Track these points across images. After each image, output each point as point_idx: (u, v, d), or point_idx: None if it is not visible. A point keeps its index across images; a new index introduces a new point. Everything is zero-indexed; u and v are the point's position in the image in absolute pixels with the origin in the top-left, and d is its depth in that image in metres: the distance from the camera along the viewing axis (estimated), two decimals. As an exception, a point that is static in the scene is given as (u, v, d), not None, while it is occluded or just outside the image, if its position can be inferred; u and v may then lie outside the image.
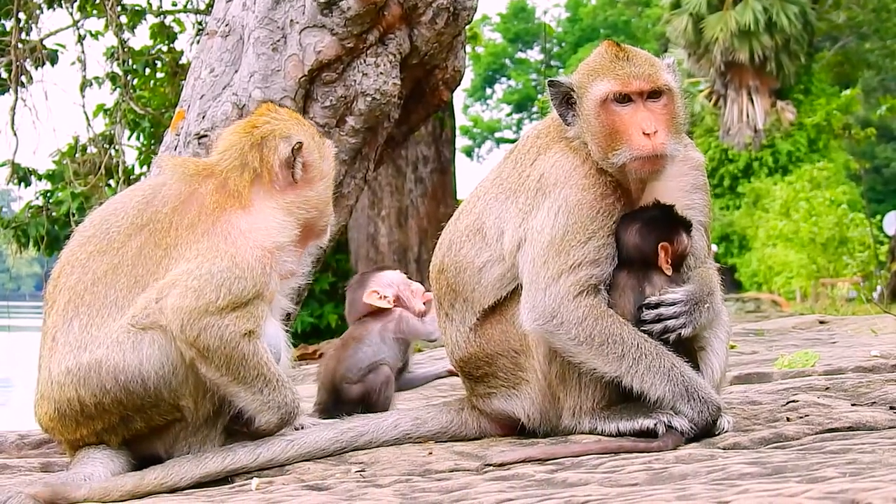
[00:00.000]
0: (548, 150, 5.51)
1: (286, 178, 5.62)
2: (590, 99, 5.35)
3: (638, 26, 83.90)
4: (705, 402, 5.04)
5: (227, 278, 5.16)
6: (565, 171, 5.38)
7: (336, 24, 8.40)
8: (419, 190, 22.41)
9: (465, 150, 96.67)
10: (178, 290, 5.12)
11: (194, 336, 5.09)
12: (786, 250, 50.78)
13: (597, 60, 5.45)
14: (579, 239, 5.22)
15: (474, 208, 5.70)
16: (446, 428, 5.72)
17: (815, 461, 4.19)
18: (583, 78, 5.43)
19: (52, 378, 5.24)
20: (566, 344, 5.19)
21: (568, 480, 4.32)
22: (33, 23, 20.62)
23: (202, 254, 5.23)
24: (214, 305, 5.11)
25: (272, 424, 5.39)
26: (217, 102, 8.49)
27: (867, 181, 61.59)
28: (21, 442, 6.49)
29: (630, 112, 5.28)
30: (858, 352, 8.63)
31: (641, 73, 5.30)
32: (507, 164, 5.68)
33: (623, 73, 5.31)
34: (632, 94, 5.29)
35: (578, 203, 5.28)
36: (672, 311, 5.18)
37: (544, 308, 5.21)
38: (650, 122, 5.23)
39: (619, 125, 5.27)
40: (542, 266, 5.25)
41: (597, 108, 5.31)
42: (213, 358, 5.14)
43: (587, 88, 5.37)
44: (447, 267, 5.69)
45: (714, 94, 63.24)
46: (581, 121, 5.40)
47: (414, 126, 10.05)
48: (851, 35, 68.60)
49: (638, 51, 5.48)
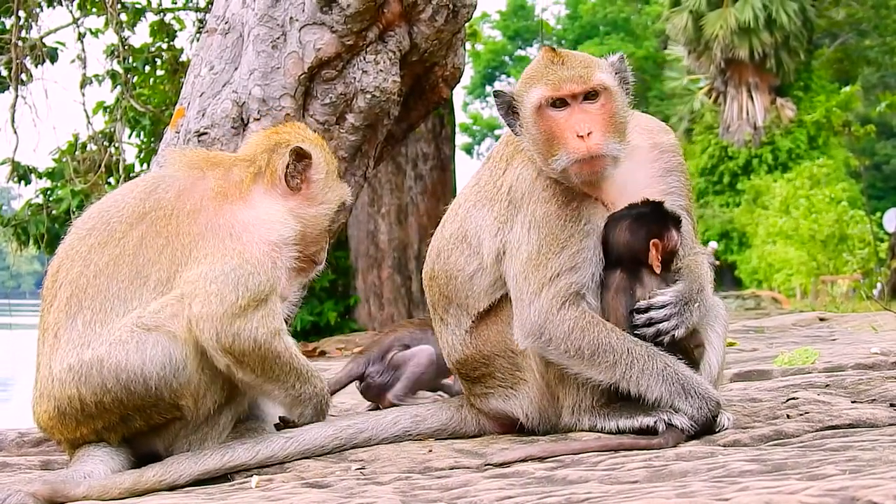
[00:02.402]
0: (512, 162, 5.53)
1: (286, 186, 5.74)
2: (527, 107, 5.33)
3: (637, 23, 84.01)
4: (703, 398, 5.04)
5: (240, 275, 5.20)
6: (528, 183, 5.39)
7: (336, 21, 8.39)
8: (419, 187, 22.43)
9: (465, 147, 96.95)
10: (200, 297, 5.14)
11: (229, 343, 5.13)
12: (786, 247, 50.78)
13: (533, 68, 5.43)
14: (553, 250, 5.22)
15: (457, 216, 5.72)
16: (446, 425, 5.71)
17: (816, 458, 4.18)
18: (521, 86, 5.41)
19: (52, 375, 5.22)
20: (558, 358, 5.21)
21: (568, 478, 4.32)
22: (33, 20, 20.64)
23: (211, 254, 5.26)
24: (237, 306, 5.15)
25: (307, 417, 5.52)
26: (217, 100, 8.48)
27: (867, 178, 61.63)
28: (21, 440, 6.49)
29: (565, 116, 5.24)
30: (858, 349, 8.63)
31: (573, 76, 5.26)
32: (485, 171, 5.69)
33: (555, 77, 5.27)
34: (565, 98, 5.25)
35: (545, 216, 5.28)
36: (662, 313, 5.16)
37: (531, 325, 5.22)
38: (584, 124, 5.18)
39: (554, 130, 5.24)
40: (523, 281, 5.26)
41: (534, 115, 5.29)
42: (249, 361, 5.20)
43: (525, 96, 5.36)
44: (437, 275, 5.69)
45: (714, 92, 63.34)
46: (524, 129, 5.39)
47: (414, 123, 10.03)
48: (851, 32, 68.69)
49: (575, 54, 5.44)
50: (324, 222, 5.89)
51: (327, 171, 5.92)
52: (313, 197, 5.82)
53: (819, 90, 63.41)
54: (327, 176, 5.91)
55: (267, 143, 5.87)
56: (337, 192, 5.98)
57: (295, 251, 5.59)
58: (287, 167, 5.74)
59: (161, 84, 21.37)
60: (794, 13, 60.22)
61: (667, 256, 5.35)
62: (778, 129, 61.56)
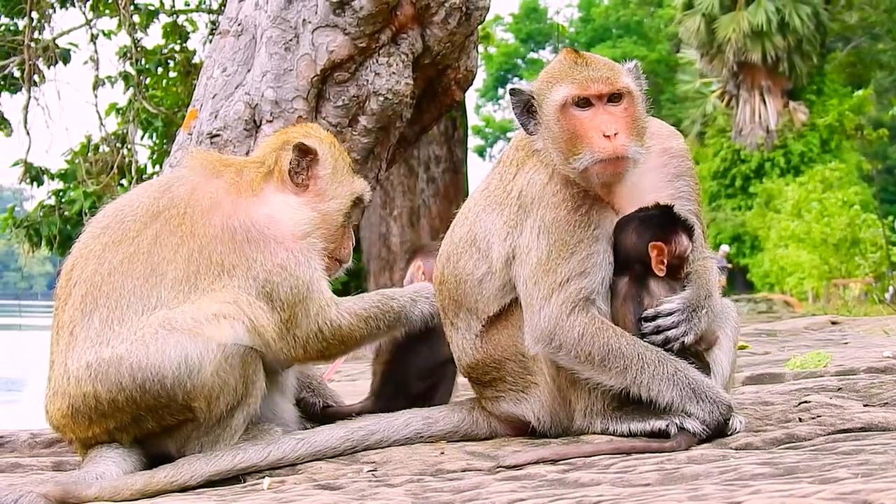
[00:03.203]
0: (523, 166, 5.53)
1: (293, 182, 5.79)
2: (550, 105, 5.34)
3: (650, 26, 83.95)
4: (715, 401, 5.04)
5: (273, 288, 5.43)
6: (538, 188, 5.39)
7: (348, 23, 8.39)
8: (431, 189, 22.42)
9: (478, 149, 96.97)
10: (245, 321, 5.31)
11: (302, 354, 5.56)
12: (798, 251, 50.70)
13: (556, 67, 5.45)
14: (562, 255, 5.22)
15: (467, 220, 5.74)
16: (458, 427, 5.71)
17: (828, 462, 4.18)
18: (542, 85, 5.43)
19: (68, 373, 5.24)
20: (569, 364, 5.23)
21: (580, 480, 4.32)
22: (46, 22, 20.66)
23: (238, 265, 5.39)
24: (282, 319, 5.39)
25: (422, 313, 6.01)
26: (229, 102, 8.48)
27: (879, 182, 61.52)
28: (33, 441, 6.50)
29: (590, 115, 5.27)
30: (871, 352, 8.62)
31: (600, 77, 5.29)
32: (495, 176, 5.70)
33: (582, 77, 5.30)
34: (591, 98, 5.27)
35: (554, 221, 5.29)
36: (670, 321, 5.18)
37: (542, 331, 5.23)
38: (610, 125, 5.21)
39: (579, 129, 5.26)
40: (533, 287, 5.27)
41: (557, 114, 5.31)
42: (333, 350, 5.67)
43: (547, 95, 5.37)
44: (447, 279, 5.69)
45: (726, 95, 63.26)
46: (542, 128, 5.41)
47: (426, 126, 10.02)
48: (864, 36, 68.59)
49: (597, 57, 5.49)
50: (338, 218, 5.89)
51: (335, 167, 5.94)
52: (322, 192, 5.83)
53: (832, 94, 63.27)
54: (335, 171, 5.92)
55: (275, 142, 5.94)
56: (348, 186, 5.99)
57: (320, 241, 5.64)
58: (290, 163, 5.77)
59: (174, 86, 21.40)
60: (807, 17, 60.14)
61: (675, 261, 5.34)
62: (790, 133, 61.46)
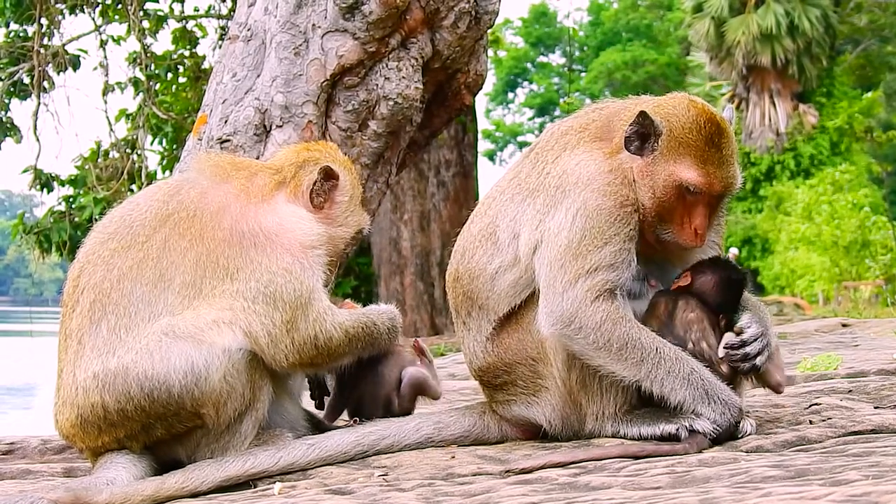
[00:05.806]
0: (575, 149, 5.46)
1: (309, 201, 5.79)
2: (667, 170, 5.29)
3: (660, 30, 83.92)
4: (726, 404, 5.03)
5: (274, 290, 5.37)
6: (589, 172, 5.34)
7: (358, 28, 8.41)
8: (441, 194, 22.43)
9: (488, 153, 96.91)
10: (243, 324, 5.30)
11: (296, 359, 5.43)
12: (808, 253, 50.63)
13: (691, 130, 5.32)
14: (596, 244, 5.19)
15: (489, 210, 5.70)
16: (469, 432, 5.70)
17: (838, 464, 4.17)
18: (671, 140, 5.32)
19: (76, 383, 5.22)
20: (584, 348, 5.17)
21: (591, 484, 4.31)
22: (55, 28, 20.72)
23: (242, 268, 5.34)
24: (282, 320, 5.33)
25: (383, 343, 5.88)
26: (239, 107, 8.50)
27: (889, 184, 61.41)
28: (44, 447, 6.51)
29: (693, 202, 5.30)
30: (881, 355, 8.61)
31: (727, 177, 5.31)
32: (527, 163, 5.64)
33: (712, 172, 5.27)
34: (707, 193, 5.31)
35: (598, 207, 5.24)
36: (757, 347, 5.20)
37: (562, 312, 5.18)
38: (704, 222, 5.29)
39: (679, 210, 5.30)
40: (559, 270, 5.22)
41: (668, 184, 5.28)
42: (320, 361, 5.53)
43: (670, 158, 5.31)
44: (461, 275, 5.68)
45: (736, 98, 63.07)
46: (644, 167, 5.34)
47: (436, 130, 10.03)
48: (873, 38, 68.44)
49: (730, 138, 5.39)
50: (340, 245, 5.91)
51: (351, 196, 5.96)
52: (334, 218, 5.83)
53: (841, 96, 63.15)
54: (350, 200, 5.94)
55: (296, 157, 5.88)
56: (357, 217, 6.01)
57: (326, 256, 5.62)
58: (314, 184, 5.75)
59: (183, 91, 21.44)
60: (817, 19, 60.03)
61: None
62: (800, 136, 61.34)
